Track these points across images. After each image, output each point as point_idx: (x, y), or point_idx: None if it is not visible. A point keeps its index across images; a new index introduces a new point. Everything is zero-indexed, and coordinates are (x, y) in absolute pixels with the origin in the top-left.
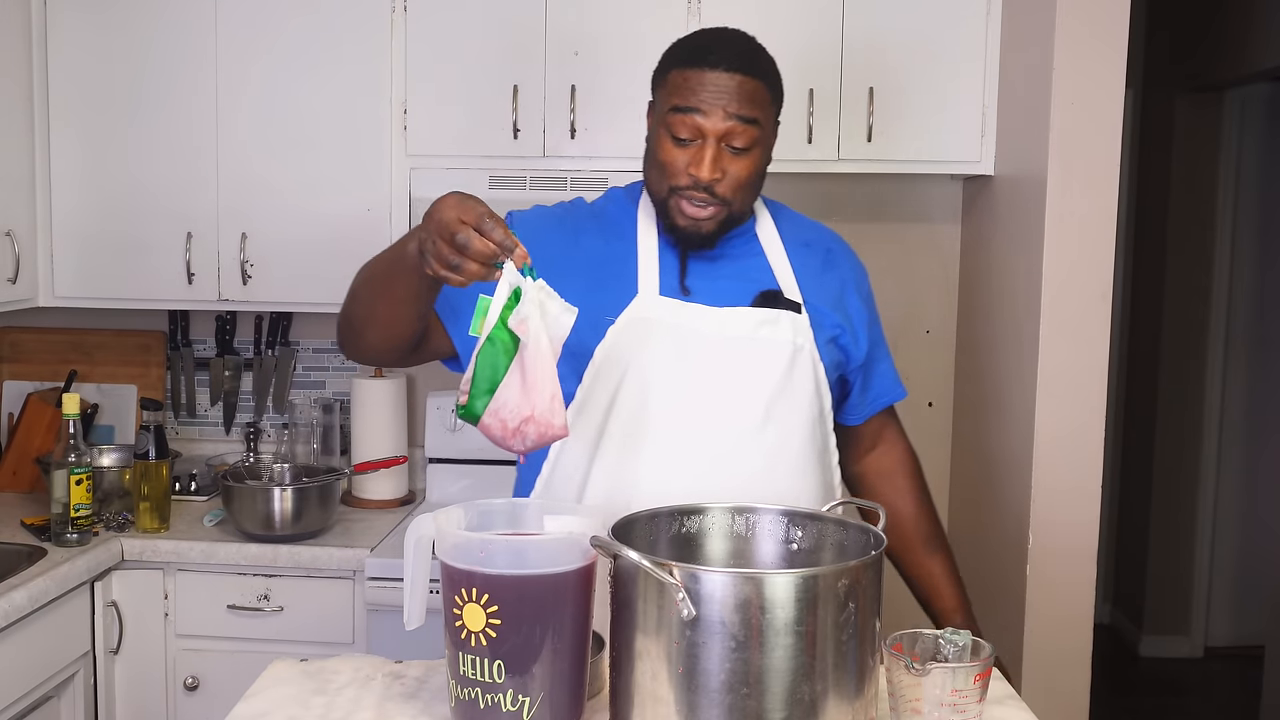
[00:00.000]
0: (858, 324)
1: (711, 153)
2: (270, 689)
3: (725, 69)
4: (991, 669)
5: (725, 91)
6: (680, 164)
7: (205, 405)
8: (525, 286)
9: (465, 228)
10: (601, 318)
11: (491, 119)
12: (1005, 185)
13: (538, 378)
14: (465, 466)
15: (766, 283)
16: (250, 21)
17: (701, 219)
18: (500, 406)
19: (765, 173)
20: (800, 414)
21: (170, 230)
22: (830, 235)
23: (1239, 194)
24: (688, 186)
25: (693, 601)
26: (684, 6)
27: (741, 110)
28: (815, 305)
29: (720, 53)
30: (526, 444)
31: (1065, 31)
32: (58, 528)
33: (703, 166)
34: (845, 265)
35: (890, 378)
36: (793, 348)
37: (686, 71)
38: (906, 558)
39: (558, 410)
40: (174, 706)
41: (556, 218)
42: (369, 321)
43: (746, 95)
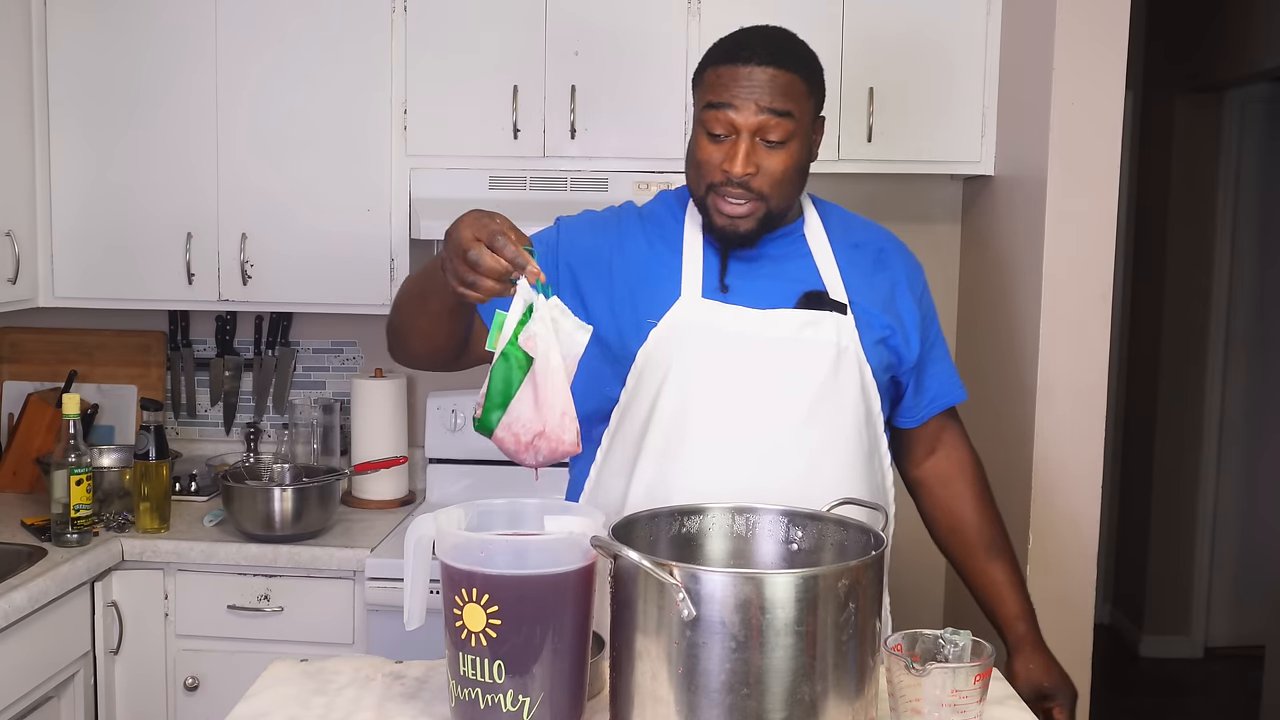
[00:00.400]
0: (909, 325)
1: (745, 147)
2: (270, 689)
3: (758, 63)
4: (991, 669)
5: (757, 85)
6: (715, 161)
7: (205, 405)
8: (537, 304)
9: (478, 244)
10: (643, 320)
11: (491, 119)
12: (1005, 185)
13: (549, 394)
14: (465, 467)
15: (811, 283)
16: (250, 21)
17: (738, 216)
18: (513, 421)
19: (806, 168)
20: (845, 416)
21: (170, 230)
22: (884, 235)
23: (1239, 194)
24: (723, 183)
25: (693, 601)
26: (684, 6)
27: (774, 103)
28: (863, 306)
29: (753, 48)
30: (538, 459)
31: (1065, 31)
32: (58, 528)
33: (736, 161)
34: (898, 265)
35: (948, 379)
36: (837, 349)
37: (720, 68)
38: (968, 564)
39: (568, 426)
40: (174, 706)
41: (602, 222)
42: (412, 333)
43: (779, 88)
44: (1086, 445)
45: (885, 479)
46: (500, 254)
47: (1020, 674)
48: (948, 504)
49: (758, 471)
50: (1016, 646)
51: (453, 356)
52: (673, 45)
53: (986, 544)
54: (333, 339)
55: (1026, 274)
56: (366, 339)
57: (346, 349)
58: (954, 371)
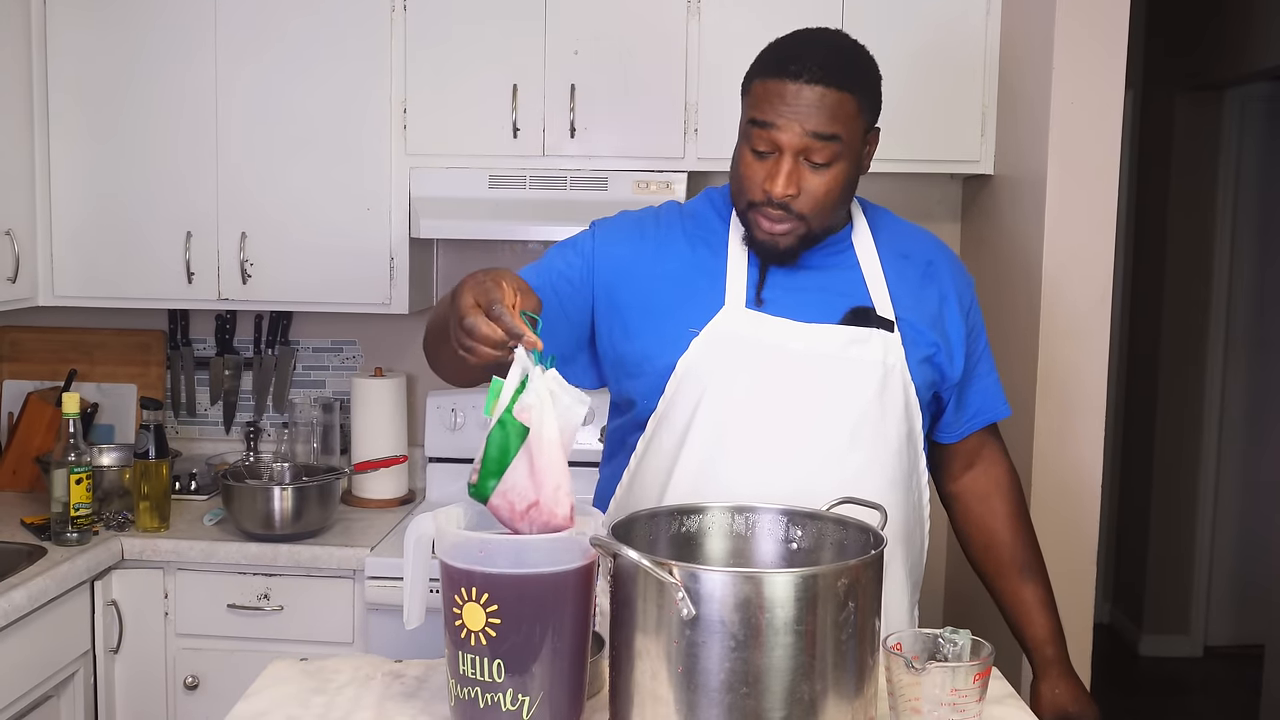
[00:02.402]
0: (954, 342)
1: (787, 168)
2: (270, 688)
3: (807, 80)
4: (991, 668)
5: (804, 106)
6: (757, 178)
7: (205, 404)
8: (534, 375)
9: (476, 311)
10: (684, 330)
11: (491, 118)
12: (1005, 185)
13: (544, 466)
14: (465, 466)
15: (858, 298)
16: (250, 21)
17: (778, 234)
18: (509, 489)
19: (854, 185)
20: (888, 437)
21: (170, 229)
22: (933, 245)
23: (1239, 194)
24: (764, 202)
25: (692, 601)
26: (684, 6)
27: (820, 127)
28: (910, 323)
29: (803, 62)
30: (532, 529)
31: (1065, 31)
32: (58, 527)
33: (776, 182)
34: (946, 278)
35: (992, 394)
36: (884, 368)
37: (768, 82)
38: (1000, 584)
39: (562, 501)
40: (174, 706)
41: (640, 228)
42: (439, 365)
43: (827, 110)
44: (1086, 445)
45: (922, 497)
46: (498, 322)
47: (1045, 698)
48: (982, 521)
49: (794, 490)
50: (1043, 670)
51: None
52: (673, 45)
53: (1021, 564)
54: (332, 338)
55: (1026, 274)
56: (366, 338)
57: (346, 348)
58: (999, 386)
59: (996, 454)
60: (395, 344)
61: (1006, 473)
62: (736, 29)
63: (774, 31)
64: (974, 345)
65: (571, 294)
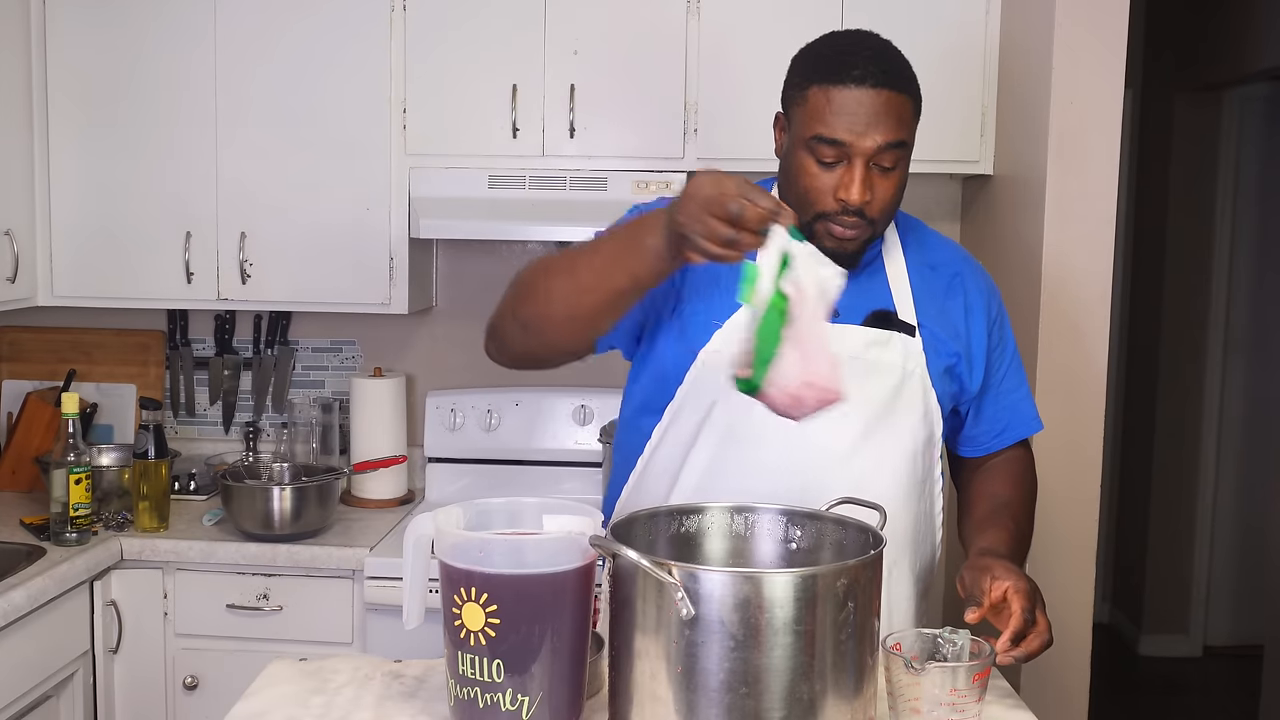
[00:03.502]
0: (976, 355)
1: (861, 175)
2: (269, 688)
3: (871, 85)
4: (990, 669)
5: (872, 112)
6: (827, 188)
7: (204, 404)
8: (795, 250)
9: (737, 199)
10: (709, 322)
11: (491, 118)
12: (1005, 185)
13: (814, 342)
14: (464, 466)
15: (881, 302)
16: (250, 21)
17: (848, 240)
18: (778, 375)
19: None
20: (902, 440)
21: (169, 229)
22: (960, 257)
23: (1239, 194)
24: (837, 211)
25: (692, 601)
26: (684, 6)
27: (890, 135)
28: (932, 331)
29: (865, 67)
30: (806, 409)
31: (1065, 32)
32: (57, 527)
33: (852, 190)
34: (973, 290)
35: (1021, 409)
36: (903, 372)
37: (830, 90)
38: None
39: (837, 375)
40: (173, 706)
41: None
42: (566, 321)
43: (894, 115)
44: (1086, 445)
45: (935, 504)
46: (758, 204)
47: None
48: (981, 485)
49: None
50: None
51: (590, 346)
52: (673, 45)
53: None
54: (332, 338)
55: (1026, 274)
56: (366, 338)
57: (345, 348)
58: (1029, 400)
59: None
60: (395, 344)
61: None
62: (736, 29)
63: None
64: (999, 359)
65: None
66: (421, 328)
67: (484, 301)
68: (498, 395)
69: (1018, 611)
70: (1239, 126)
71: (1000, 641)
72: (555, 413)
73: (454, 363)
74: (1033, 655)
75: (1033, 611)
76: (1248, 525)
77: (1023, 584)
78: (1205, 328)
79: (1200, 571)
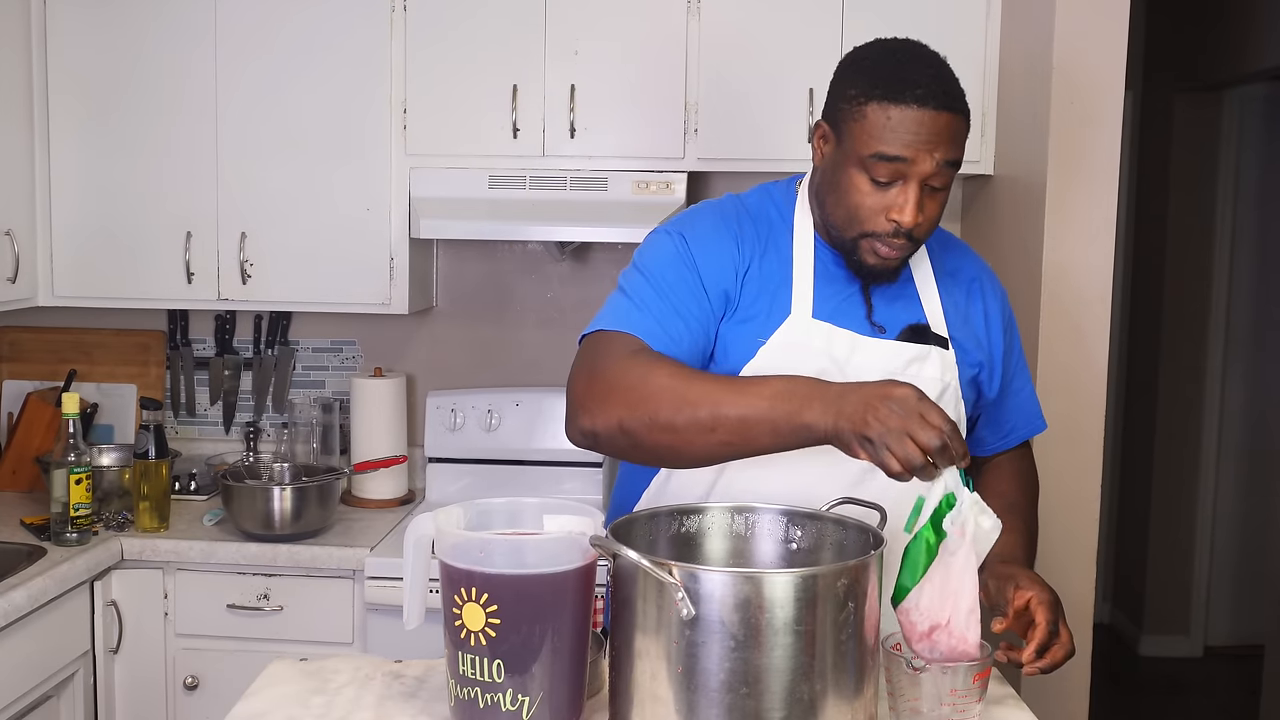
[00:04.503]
0: (995, 360)
1: (915, 197)
2: (269, 688)
3: (934, 106)
4: (990, 669)
5: (934, 134)
6: (878, 207)
7: (205, 405)
8: (962, 496)
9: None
10: (753, 339)
11: (491, 118)
12: (1005, 185)
13: (957, 587)
14: (465, 466)
15: (914, 315)
16: (250, 21)
17: (891, 259)
18: (913, 607)
19: None
20: None
21: (169, 230)
22: (974, 262)
23: (1239, 194)
24: (889, 233)
25: (692, 601)
26: (684, 6)
27: (950, 155)
28: (960, 342)
29: (928, 86)
30: (934, 652)
31: (1065, 31)
32: (57, 527)
33: (906, 212)
34: (990, 296)
35: (1028, 410)
36: (940, 385)
37: (890, 108)
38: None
39: (973, 626)
40: (174, 706)
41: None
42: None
43: (954, 135)
44: (1086, 445)
45: None
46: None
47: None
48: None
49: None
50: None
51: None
52: (673, 45)
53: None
54: (332, 338)
55: (1026, 274)
56: (366, 338)
57: (346, 348)
58: (1035, 400)
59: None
60: (395, 344)
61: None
62: (736, 29)
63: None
64: (1010, 361)
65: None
66: (422, 328)
67: (484, 301)
68: (498, 395)
69: (1043, 624)
70: (1239, 127)
71: (1025, 653)
72: (555, 413)
73: (454, 363)
74: (1056, 666)
75: (1056, 623)
76: (1248, 525)
77: (1046, 595)
78: (1205, 328)
79: (1201, 572)
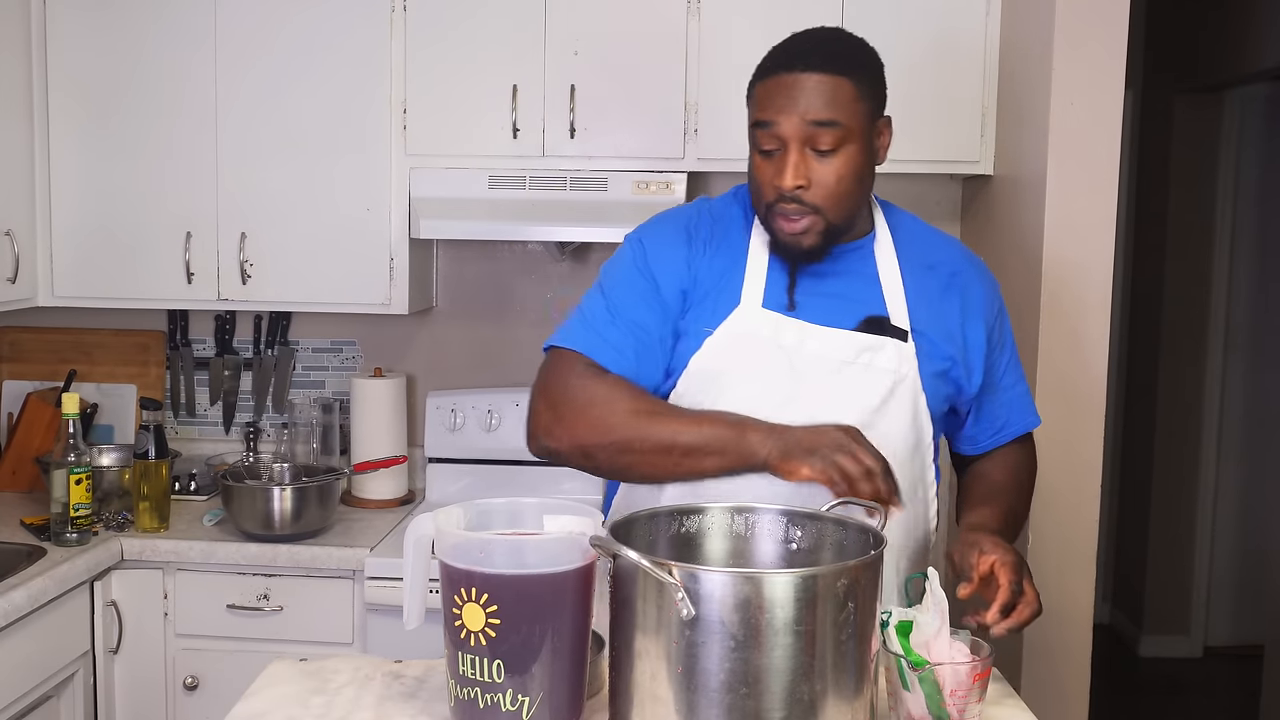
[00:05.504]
0: (974, 355)
1: (793, 159)
2: (269, 688)
3: (801, 69)
4: (990, 669)
5: (801, 94)
6: (768, 178)
7: (205, 405)
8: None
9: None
10: (701, 330)
11: (491, 119)
12: (1005, 185)
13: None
14: (465, 466)
15: (874, 307)
16: (250, 21)
17: (798, 232)
18: None
19: (867, 175)
20: (895, 446)
21: (169, 230)
22: (960, 256)
23: (1239, 194)
24: (777, 200)
25: (692, 601)
26: (684, 6)
27: (818, 114)
28: (926, 335)
29: (797, 52)
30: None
31: (1065, 32)
32: (57, 527)
33: (785, 175)
34: (971, 290)
35: (1019, 406)
36: (894, 377)
37: (766, 81)
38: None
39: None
40: (174, 706)
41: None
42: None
43: (824, 95)
44: (1086, 445)
45: (929, 509)
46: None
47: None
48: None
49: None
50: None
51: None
52: (673, 45)
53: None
54: (332, 338)
55: (1026, 274)
56: (366, 338)
57: (346, 348)
58: (1028, 397)
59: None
60: (395, 344)
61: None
62: (736, 29)
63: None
64: (998, 357)
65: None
66: (422, 328)
67: (484, 302)
68: (498, 395)
69: (1005, 584)
70: (1239, 127)
71: (990, 614)
72: None
73: (454, 363)
74: (1024, 624)
75: (1020, 583)
76: (1248, 525)
77: (1009, 556)
78: (1205, 328)
79: (1200, 572)
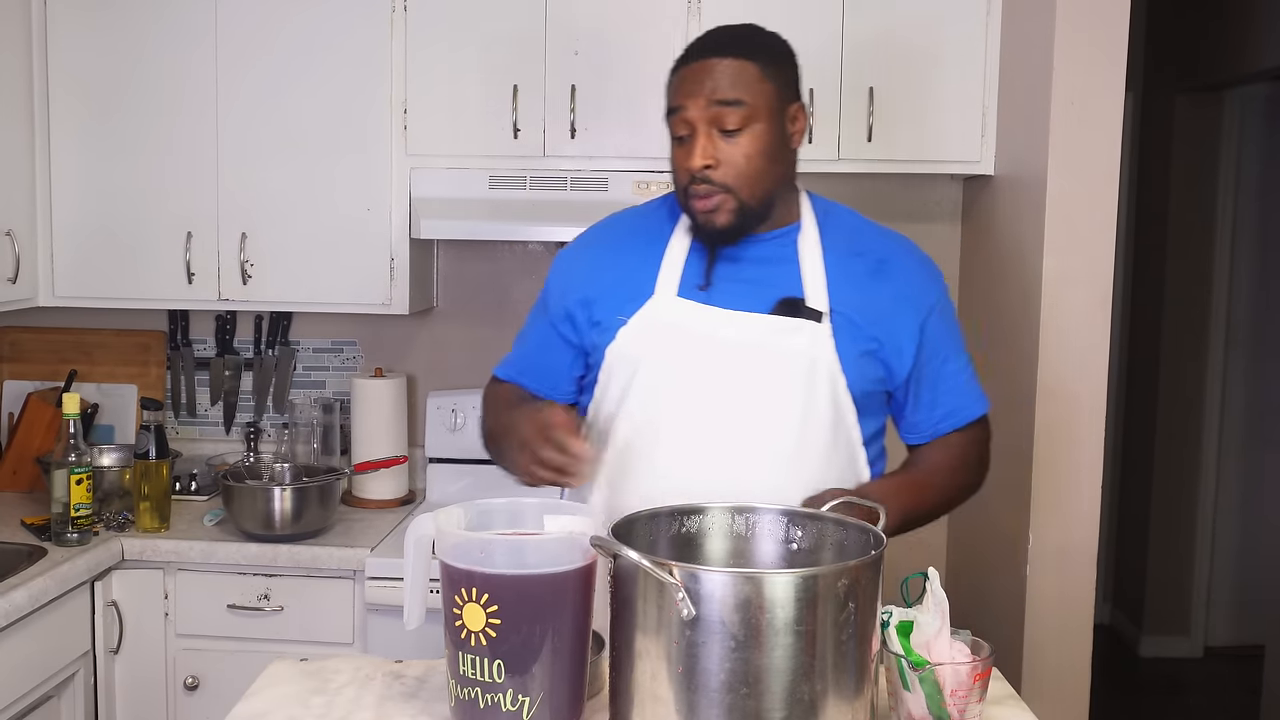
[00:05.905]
0: (904, 339)
1: (700, 141)
2: (270, 688)
3: (704, 56)
4: (991, 669)
5: (707, 77)
6: (681, 162)
7: (205, 405)
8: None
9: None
10: (615, 320)
11: (491, 119)
12: (1005, 185)
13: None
14: (465, 466)
15: (790, 289)
16: (250, 21)
17: (710, 211)
18: None
19: (779, 156)
20: (816, 426)
21: (170, 230)
22: (894, 243)
23: (1239, 194)
24: (689, 182)
25: (692, 601)
26: (684, 6)
27: (721, 94)
28: (847, 317)
29: (702, 43)
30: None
31: (1065, 31)
32: (58, 527)
33: (693, 156)
34: (902, 276)
35: (963, 392)
36: (809, 359)
37: (679, 72)
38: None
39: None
40: (174, 706)
41: (585, 245)
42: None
43: (727, 77)
44: (1086, 445)
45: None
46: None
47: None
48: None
49: (725, 478)
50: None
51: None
52: (673, 45)
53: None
54: (332, 338)
55: (1026, 274)
56: (366, 338)
57: (346, 348)
58: (974, 383)
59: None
60: (395, 344)
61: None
62: None
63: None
64: (937, 343)
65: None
66: (422, 328)
67: (485, 302)
68: None
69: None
70: (1239, 126)
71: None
72: None
73: (455, 363)
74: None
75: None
76: (1248, 526)
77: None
78: (1206, 328)
79: (1201, 572)
